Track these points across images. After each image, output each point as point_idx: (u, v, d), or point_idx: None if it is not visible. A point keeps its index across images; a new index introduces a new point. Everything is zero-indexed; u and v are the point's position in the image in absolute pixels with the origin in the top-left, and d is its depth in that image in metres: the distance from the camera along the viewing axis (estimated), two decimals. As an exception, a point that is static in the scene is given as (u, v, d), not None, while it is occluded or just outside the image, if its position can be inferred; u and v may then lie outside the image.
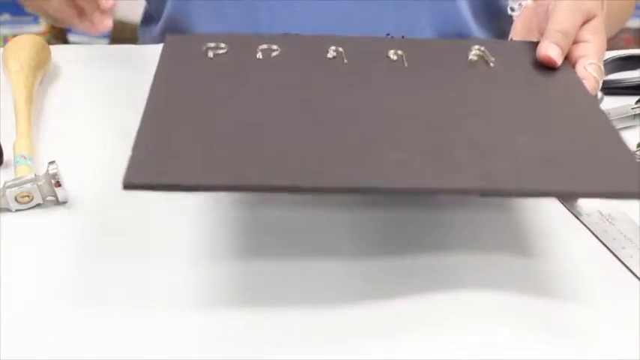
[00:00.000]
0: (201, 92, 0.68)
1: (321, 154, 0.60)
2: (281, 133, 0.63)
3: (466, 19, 1.04)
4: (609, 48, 1.00)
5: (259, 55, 0.75)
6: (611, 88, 0.91)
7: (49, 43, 0.95)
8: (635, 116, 0.85)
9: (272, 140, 0.61)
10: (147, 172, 0.57)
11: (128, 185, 0.55)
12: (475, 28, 1.07)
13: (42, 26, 2.47)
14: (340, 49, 0.76)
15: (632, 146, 0.79)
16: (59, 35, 2.54)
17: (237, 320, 0.60)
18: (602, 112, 0.68)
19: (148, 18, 1.14)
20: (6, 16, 2.49)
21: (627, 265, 0.65)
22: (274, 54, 0.75)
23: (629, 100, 0.87)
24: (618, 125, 0.84)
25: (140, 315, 0.60)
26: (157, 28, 1.08)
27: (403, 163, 0.59)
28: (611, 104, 0.85)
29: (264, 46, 0.76)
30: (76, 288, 0.63)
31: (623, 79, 0.93)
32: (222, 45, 0.76)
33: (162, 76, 0.70)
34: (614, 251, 0.66)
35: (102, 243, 0.66)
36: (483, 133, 0.64)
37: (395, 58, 0.75)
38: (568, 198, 0.66)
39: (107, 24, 0.78)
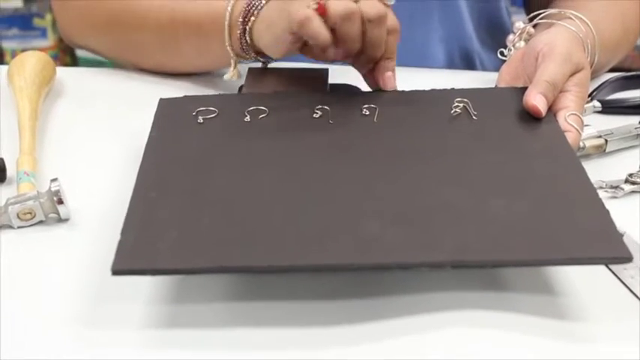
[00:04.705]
0: (188, 167, 0.71)
1: (298, 233, 0.62)
2: (262, 210, 0.65)
3: (471, 34, 1.05)
4: (617, 66, 1.00)
5: (247, 118, 0.76)
6: (615, 108, 0.91)
7: (57, 57, 0.96)
8: (638, 135, 0.84)
9: (253, 219, 0.64)
10: (134, 259, 0.60)
11: (117, 272, 0.59)
12: (478, 45, 1.07)
13: (50, 41, 2.48)
14: (327, 107, 0.77)
15: (635, 167, 0.79)
16: (67, 49, 2.55)
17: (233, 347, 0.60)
18: (582, 170, 0.68)
19: None
20: (14, 31, 2.51)
21: (628, 285, 0.65)
22: (262, 116, 0.77)
23: (633, 120, 0.87)
24: (621, 145, 0.83)
25: (142, 333, 0.60)
26: None
27: (377, 238, 0.61)
28: (614, 124, 0.85)
29: (252, 108, 0.77)
30: (77, 305, 0.63)
31: (627, 99, 0.93)
32: (212, 108, 0.77)
33: (152, 148, 0.73)
34: (616, 273, 0.66)
35: (103, 260, 0.66)
36: (459, 198, 0.65)
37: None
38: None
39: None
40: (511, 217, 0.63)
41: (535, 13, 0.92)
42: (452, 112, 0.76)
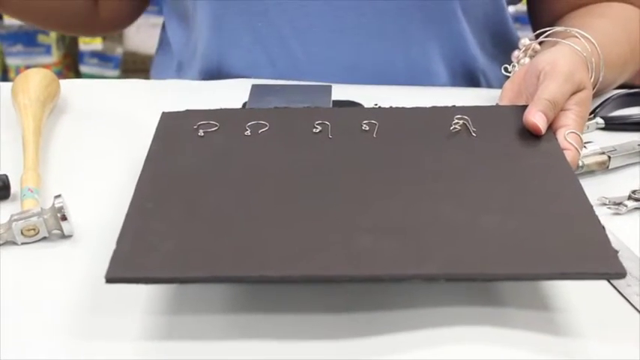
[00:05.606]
0: (186, 178, 0.71)
1: (292, 245, 0.63)
2: (257, 222, 0.65)
3: (474, 53, 1.05)
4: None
5: (248, 132, 0.77)
6: (618, 124, 0.91)
7: (61, 73, 0.96)
8: (641, 152, 0.84)
9: (248, 230, 0.64)
10: (127, 267, 0.61)
11: (110, 280, 0.59)
12: (484, 61, 1.07)
13: (54, 57, 2.49)
14: (327, 122, 0.77)
15: (638, 183, 0.79)
16: (71, 66, 2.57)
17: None
18: (579, 187, 0.69)
19: (165, 48, 1.14)
20: (18, 47, 2.52)
21: (632, 303, 0.65)
22: (262, 130, 0.77)
23: (636, 136, 0.87)
24: (625, 161, 0.83)
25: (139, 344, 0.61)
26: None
27: (371, 250, 0.62)
28: (617, 140, 0.85)
29: (253, 122, 0.78)
30: (80, 322, 0.63)
31: (630, 116, 0.93)
32: (213, 122, 0.78)
33: (152, 160, 0.74)
34: (619, 289, 0.66)
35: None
36: (454, 214, 0.65)
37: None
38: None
39: None
40: (505, 232, 0.63)
41: (541, 30, 0.93)
42: (451, 128, 0.76)
